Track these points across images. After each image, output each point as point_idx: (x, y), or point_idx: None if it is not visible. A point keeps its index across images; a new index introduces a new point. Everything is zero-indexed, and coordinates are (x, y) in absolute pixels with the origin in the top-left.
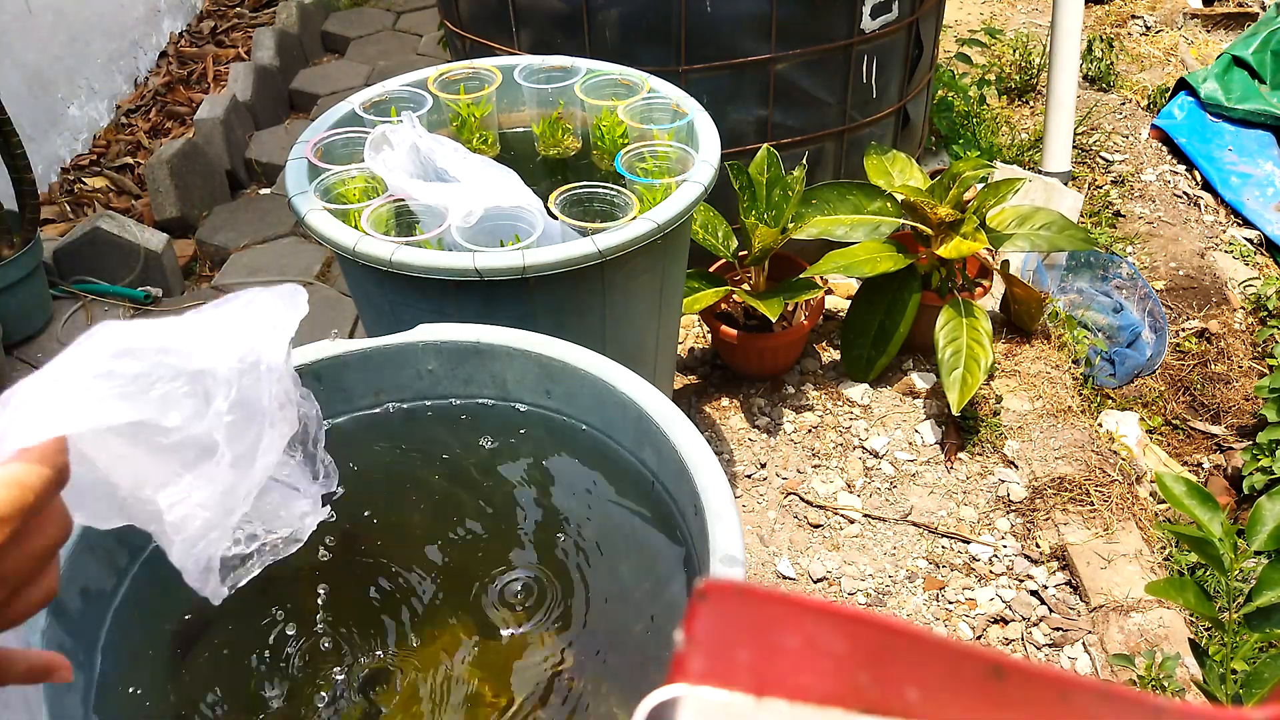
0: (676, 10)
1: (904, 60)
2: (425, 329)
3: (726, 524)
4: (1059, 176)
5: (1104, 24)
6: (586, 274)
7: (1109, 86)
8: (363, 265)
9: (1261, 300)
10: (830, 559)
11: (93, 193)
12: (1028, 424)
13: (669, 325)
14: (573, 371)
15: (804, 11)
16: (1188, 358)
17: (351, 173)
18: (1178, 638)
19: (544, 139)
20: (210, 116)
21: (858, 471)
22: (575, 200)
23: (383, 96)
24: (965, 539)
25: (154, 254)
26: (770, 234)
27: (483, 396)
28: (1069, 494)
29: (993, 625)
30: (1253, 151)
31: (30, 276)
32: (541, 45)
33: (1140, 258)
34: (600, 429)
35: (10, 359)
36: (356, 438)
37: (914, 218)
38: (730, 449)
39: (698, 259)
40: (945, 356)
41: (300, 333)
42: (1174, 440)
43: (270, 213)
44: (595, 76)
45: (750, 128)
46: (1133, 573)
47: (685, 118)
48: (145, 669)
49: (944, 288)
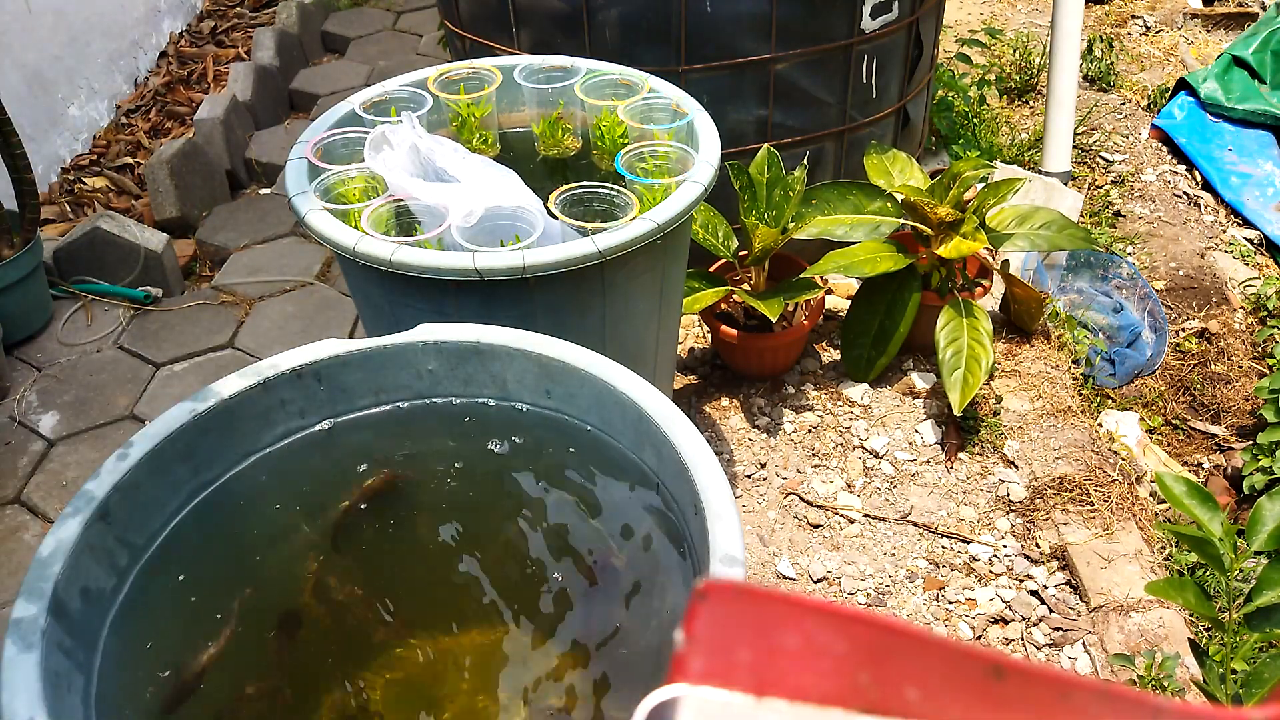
0: (676, 10)
1: (904, 60)
2: (425, 329)
3: (726, 524)
4: (1059, 176)
5: (1104, 24)
6: (586, 274)
7: (1109, 86)
8: (363, 265)
9: (1261, 300)
10: (830, 559)
11: (93, 193)
12: (1028, 424)
13: (669, 325)
14: (573, 371)
15: (804, 11)
16: (1188, 358)
17: (351, 173)
18: (1178, 638)
19: (544, 139)
20: (210, 116)
21: (858, 471)
22: (575, 200)
23: (383, 96)
24: (965, 539)
25: (154, 254)
26: (770, 234)
27: (483, 396)
28: (1069, 494)
29: (993, 625)
30: (1253, 151)
31: (30, 276)
32: (541, 45)
33: (1140, 258)
34: (600, 429)
35: (10, 359)
36: (356, 437)
37: (914, 217)
38: (730, 449)
39: (698, 259)
40: (946, 356)
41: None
42: (1174, 440)
43: (270, 213)
44: (595, 76)
45: (750, 128)
46: (1133, 573)
47: (685, 118)
48: (145, 669)
49: (944, 288)
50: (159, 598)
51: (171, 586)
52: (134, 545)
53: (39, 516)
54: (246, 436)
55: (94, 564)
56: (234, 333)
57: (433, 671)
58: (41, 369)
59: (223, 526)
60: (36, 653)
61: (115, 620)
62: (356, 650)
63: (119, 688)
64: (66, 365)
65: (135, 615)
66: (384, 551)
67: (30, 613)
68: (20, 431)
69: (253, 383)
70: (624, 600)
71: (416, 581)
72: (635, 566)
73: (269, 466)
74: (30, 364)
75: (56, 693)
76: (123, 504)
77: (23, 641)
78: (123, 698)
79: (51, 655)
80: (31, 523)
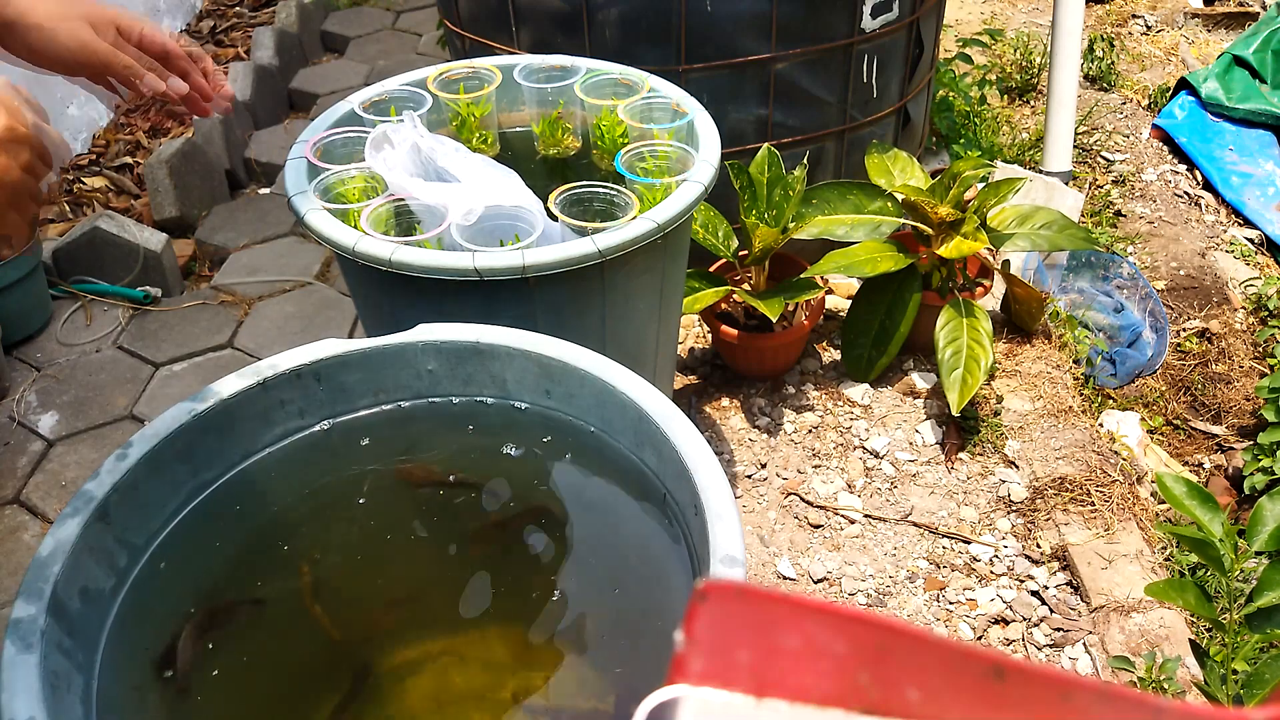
0: (676, 10)
1: (905, 60)
2: (425, 329)
3: (727, 524)
4: (1060, 176)
5: (1105, 23)
6: (586, 274)
7: (1110, 86)
8: (362, 265)
9: (1262, 300)
10: (831, 559)
11: (92, 192)
12: (1028, 424)
13: (669, 325)
14: (573, 371)
15: (804, 11)
16: (1189, 358)
17: (351, 172)
18: (1179, 638)
19: (544, 139)
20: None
21: (858, 472)
22: (575, 200)
23: (382, 96)
24: (966, 539)
25: (153, 254)
26: (771, 234)
27: (483, 396)
28: (1070, 494)
29: (993, 626)
30: (1253, 151)
31: (29, 276)
32: (541, 45)
33: (1141, 257)
34: (600, 429)
35: (10, 359)
36: (357, 438)
37: (915, 217)
38: (730, 449)
39: (698, 259)
40: (945, 356)
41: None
42: (1175, 440)
43: (269, 212)
44: (595, 76)
45: (750, 127)
46: (1134, 573)
47: (685, 117)
48: (145, 669)
49: (944, 287)
50: (159, 598)
51: (171, 587)
52: (133, 545)
53: (38, 516)
54: (246, 437)
55: (93, 564)
56: (233, 333)
57: (433, 672)
58: (41, 369)
59: (222, 527)
60: (36, 653)
61: (115, 620)
62: (356, 649)
63: (119, 688)
64: (66, 365)
65: (135, 615)
66: (384, 551)
67: (29, 613)
68: (19, 431)
69: (252, 383)
70: (623, 601)
71: (416, 581)
72: (635, 567)
73: (269, 467)
74: (29, 364)
75: (56, 693)
76: (122, 504)
77: (22, 642)
78: (122, 698)
79: (51, 655)
80: (31, 523)
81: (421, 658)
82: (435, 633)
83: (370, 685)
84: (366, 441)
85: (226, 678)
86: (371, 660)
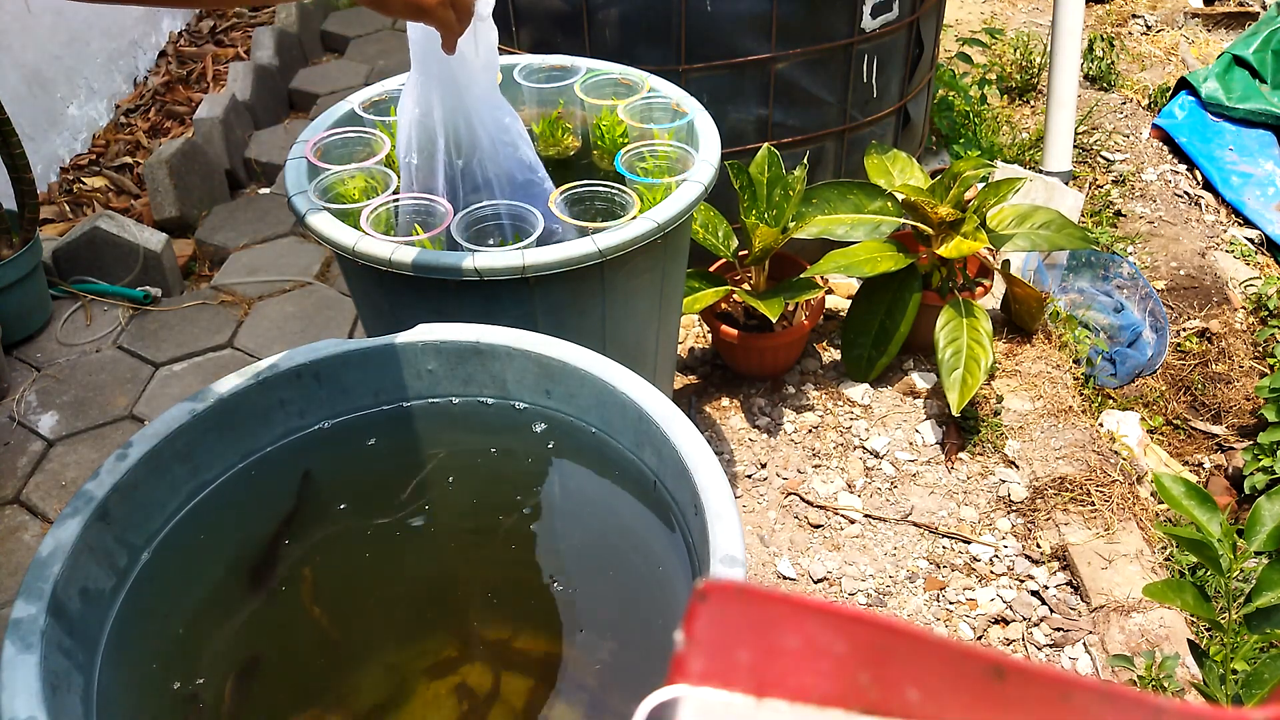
0: (676, 10)
1: (904, 59)
2: (425, 329)
3: (727, 524)
4: (1060, 176)
5: (1105, 23)
6: (586, 274)
7: (1110, 86)
8: (362, 265)
9: (1262, 300)
10: (831, 559)
11: (92, 192)
12: (1028, 424)
13: (669, 325)
14: (573, 371)
15: (804, 11)
16: (1189, 357)
17: (351, 172)
18: (1178, 638)
19: (544, 138)
20: (209, 116)
21: (858, 471)
22: (575, 199)
23: (382, 96)
24: (966, 539)
25: (153, 254)
26: (771, 233)
27: (483, 396)
28: (1070, 494)
29: (993, 625)
30: (1253, 151)
31: (29, 276)
32: (541, 44)
33: (1141, 257)
34: (600, 429)
35: (10, 359)
36: (356, 438)
37: (914, 217)
38: (730, 449)
39: (698, 259)
40: (945, 356)
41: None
42: (1175, 440)
43: (270, 212)
44: (595, 76)
45: (750, 127)
46: (1133, 573)
47: (685, 117)
48: (146, 670)
49: (944, 287)
50: (159, 598)
51: (171, 587)
52: (133, 546)
53: (38, 516)
54: (246, 437)
55: (93, 564)
56: (233, 333)
57: (433, 671)
58: (41, 369)
59: (222, 527)
60: (36, 653)
61: (115, 621)
62: (355, 649)
63: (119, 688)
64: (66, 365)
65: (135, 615)
66: (384, 551)
67: (29, 613)
68: (19, 431)
69: (252, 383)
70: (623, 601)
71: (417, 581)
72: (635, 567)
73: (268, 467)
74: (29, 364)
75: (56, 693)
76: (122, 504)
77: (22, 642)
78: (122, 698)
79: (51, 656)
80: (31, 523)
81: (422, 658)
82: (435, 633)
83: (367, 687)
84: (372, 441)
85: (232, 682)
86: (371, 660)
